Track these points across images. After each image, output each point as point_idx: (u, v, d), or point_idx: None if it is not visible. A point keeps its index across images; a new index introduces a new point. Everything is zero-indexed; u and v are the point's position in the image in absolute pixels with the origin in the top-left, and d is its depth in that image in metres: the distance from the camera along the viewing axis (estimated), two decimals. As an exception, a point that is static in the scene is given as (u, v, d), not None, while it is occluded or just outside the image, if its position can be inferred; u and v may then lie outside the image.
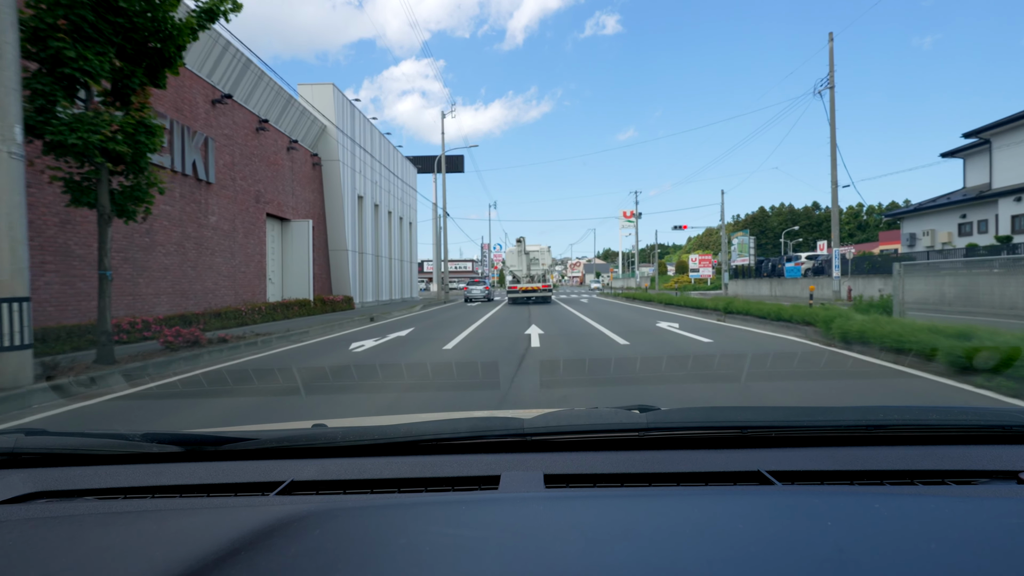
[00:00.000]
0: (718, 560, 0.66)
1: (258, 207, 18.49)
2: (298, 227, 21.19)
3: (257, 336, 11.56)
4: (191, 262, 14.59)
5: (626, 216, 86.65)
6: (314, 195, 23.88)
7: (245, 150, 17.65)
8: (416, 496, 1.02)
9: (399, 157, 35.69)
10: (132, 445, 1.19)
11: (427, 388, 5.87)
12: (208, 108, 15.48)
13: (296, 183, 21.86)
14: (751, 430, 1.20)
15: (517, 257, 30.10)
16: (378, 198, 30.51)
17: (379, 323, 17.55)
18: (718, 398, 5.18)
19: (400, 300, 34.40)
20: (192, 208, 14.68)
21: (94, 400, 5.84)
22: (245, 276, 17.64)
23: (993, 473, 1.05)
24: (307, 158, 23.04)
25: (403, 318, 19.91)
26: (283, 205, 20.59)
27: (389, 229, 33.13)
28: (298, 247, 21.14)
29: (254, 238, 18.19)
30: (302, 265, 21.10)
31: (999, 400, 4.98)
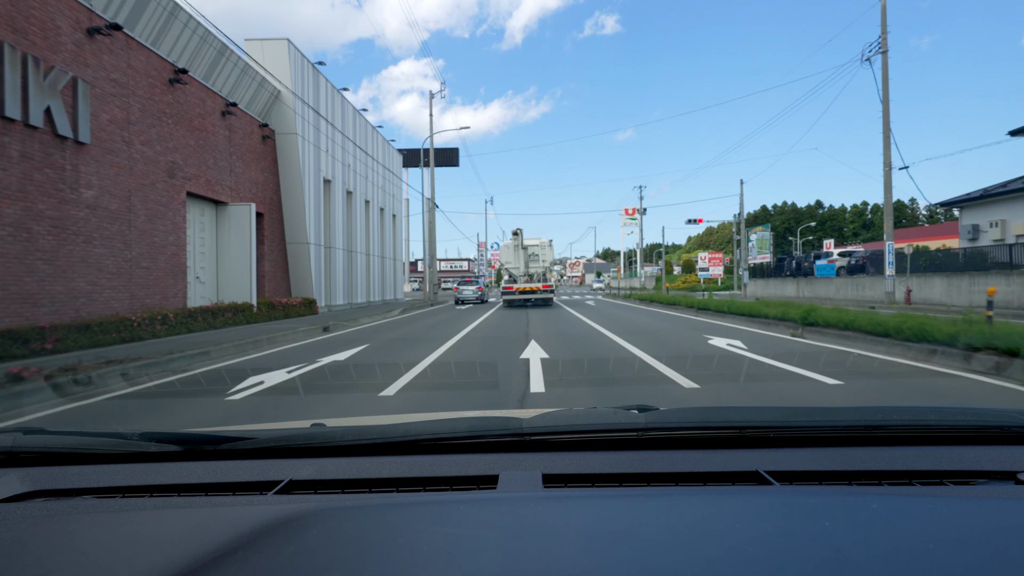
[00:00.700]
0: (716, 560, 0.65)
1: (172, 183, 14.00)
2: (237, 212, 16.71)
3: (103, 365, 7.11)
4: (43, 252, 10.09)
5: (628, 213, 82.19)
6: (265, 176, 19.40)
7: (151, 107, 13.16)
8: (414, 496, 1.01)
9: (380, 140, 31.19)
10: (130, 444, 1.18)
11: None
12: (81, 39, 10.99)
13: (237, 158, 17.38)
14: (750, 430, 1.19)
15: (513, 253, 25.64)
16: (352, 184, 26.03)
17: (329, 336, 13.16)
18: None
19: (380, 303, 29.93)
20: (47, 176, 10.18)
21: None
22: (150, 274, 13.14)
23: (991, 473, 1.03)
24: (254, 129, 18.55)
25: (366, 327, 15.50)
26: (215, 184, 16.10)
27: (367, 221, 28.64)
28: (237, 238, 16.67)
29: (165, 223, 13.70)
30: (243, 261, 16.62)
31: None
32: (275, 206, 20.13)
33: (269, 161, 19.70)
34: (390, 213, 32.72)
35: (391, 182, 33.11)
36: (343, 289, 24.71)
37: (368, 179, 28.66)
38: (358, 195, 26.99)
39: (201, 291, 15.97)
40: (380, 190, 30.78)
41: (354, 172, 26.40)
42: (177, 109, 14.22)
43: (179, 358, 8.51)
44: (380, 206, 30.85)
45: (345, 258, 25.07)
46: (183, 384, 6.76)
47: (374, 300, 29.43)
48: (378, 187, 30.32)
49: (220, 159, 16.36)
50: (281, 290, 20.53)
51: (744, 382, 5.96)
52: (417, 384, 6.14)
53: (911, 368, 6.59)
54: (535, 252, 25.73)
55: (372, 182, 29.41)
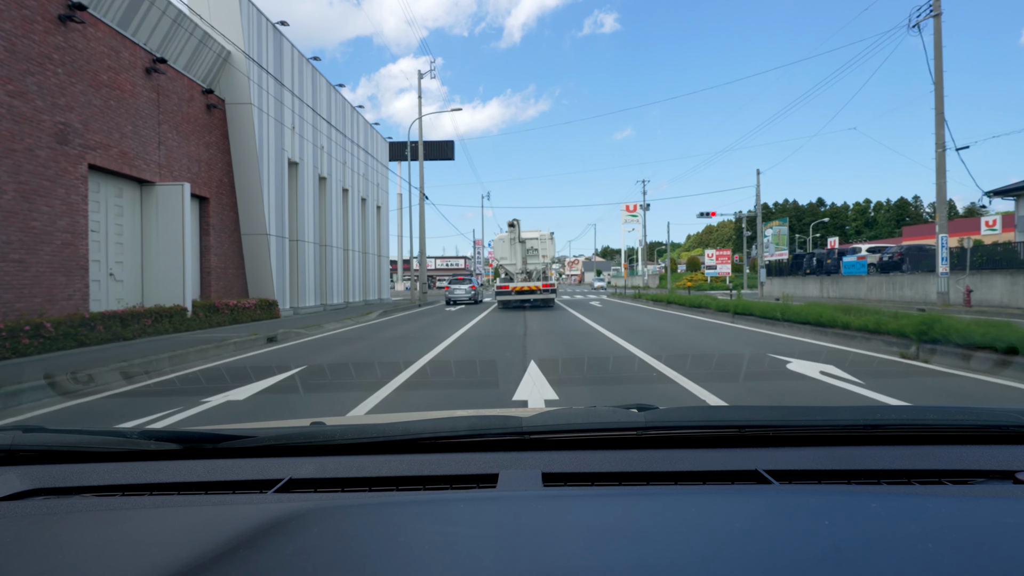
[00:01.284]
0: (716, 559, 0.65)
1: (65, 152, 10.69)
2: (168, 195, 13.41)
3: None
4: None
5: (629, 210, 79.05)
6: (212, 153, 16.09)
7: (26, 48, 9.86)
8: (414, 494, 1.00)
9: (361, 123, 27.87)
10: (130, 442, 1.17)
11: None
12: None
13: (170, 129, 14.08)
14: (749, 429, 1.18)
15: (509, 247, 22.36)
16: (326, 168, 22.73)
17: (269, 350, 10.12)
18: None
19: (361, 304, 26.65)
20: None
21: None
22: (25, 270, 9.84)
23: (990, 473, 1.03)
24: (194, 95, 15.23)
25: (324, 337, 12.33)
26: (135, 157, 12.80)
27: (345, 212, 25.34)
28: (168, 226, 13.37)
29: (52, 203, 10.40)
30: (174, 254, 13.33)
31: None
32: (226, 190, 16.82)
33: (217, 136, 16.39)
34: (373, 204, 29.41)
35: (375, 170, 29.80)
36: (314, 288, 21.42)
37: (347, 165, 25.36)
38: (334, 182, 23.69)
39: (117, 292, 12.68)
40: (362, 178, 27.47)
41: (329, 155, 23.09)
42: (73, 57, 10.90)
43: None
44: (362, 196, 27.54)
45: (316, 253, 21.78)
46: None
47: (354, 301, 26.14)
48: (359, 174, 27.02)
49: (144, 128, 13.05)
50: (235, 289, 17.24)
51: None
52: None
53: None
54: (534, 246, 22.46)
55: (352, 169, 26.11)
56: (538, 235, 22.54)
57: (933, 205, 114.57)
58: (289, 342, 11.47)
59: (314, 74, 21.86)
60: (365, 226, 28.15)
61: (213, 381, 6.64)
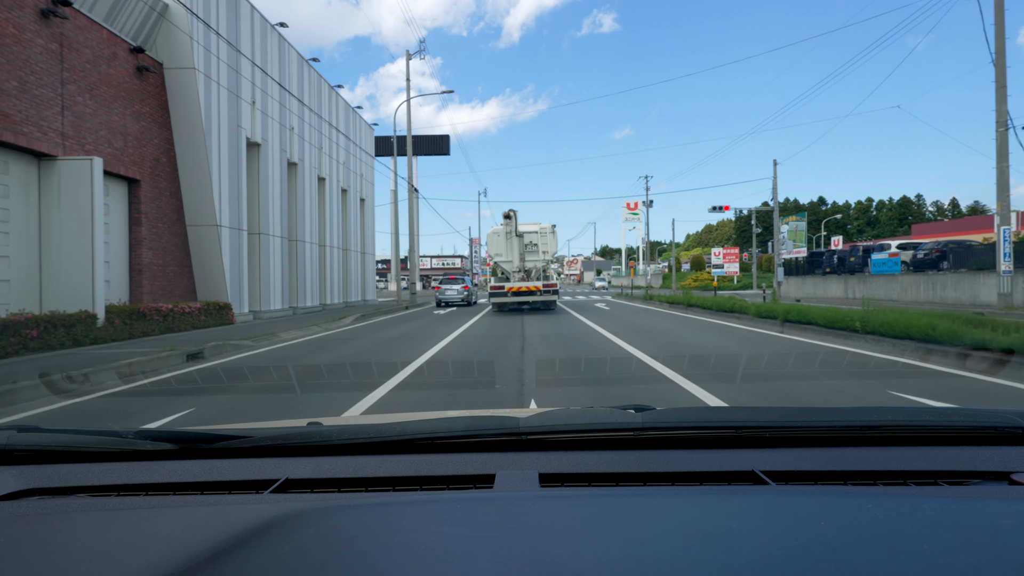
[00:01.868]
0: (713, 559, 0.65)
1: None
2: (72, 172, 10.54)
3: None
4: None
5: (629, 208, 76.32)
6: (144, 125, 13.23)
7: None
8: (411, 495, 0.99)
9: (342, 106, 25.00)
10: (126, 442, 1.15)
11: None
12: None
13: (81, 90, 11.21)
14: (746, 430, 1.17)
15: (505, 241, 19.53)
16: (297, 152, 19.87)
17: (184, 371, 7.20)
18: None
19: (340, 306, 23.80)
20: None
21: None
22: None
23: (985, 474, 1.02)
24: (117, 53, 12.36)
25: (272, 350, 9.56)
26: (23, 122, 9.92)
27: (322, 203, 22.49)
28: (74, 211, 10.52)
29: None
30: (82, 247, 10.48)
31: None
32: (165, 171, 13.96)
33: (152, 105, 13.52)
34: (356, 196, 26.54)
35: (359, 159, 26.94)
36: (281, 289, 18.56)
37: (324, 151, 22.50)
38: (307, 168, 20.83)
39: (2, 295, 9.83)
40: (342, 167, 24.62)
41: (301, 138, 20.24)
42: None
43: None
44: (342, 186, 24.68)
45: (284, 249, 18.92)
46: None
47: (333, 303, 23.29)
48: (338, 162, 24.16)
49: (37, 85, 10.18)
50: (178, 291, 14.38)
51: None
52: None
53: None
54: (533, 241, 19.63)
55: (331, 156, 23.25)
56: (538, 228, 19.72)
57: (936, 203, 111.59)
58: (218, 359, 8.65)
59: (281, 44, 18.99)
60: (346, 220, 25.29)
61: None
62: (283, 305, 18.63)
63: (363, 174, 27.63)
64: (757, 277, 47.35)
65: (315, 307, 21.24)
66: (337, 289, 23.90)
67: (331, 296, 23.21)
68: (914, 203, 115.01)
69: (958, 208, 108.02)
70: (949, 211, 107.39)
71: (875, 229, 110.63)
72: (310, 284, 20.99)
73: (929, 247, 24.81)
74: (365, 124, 28.27)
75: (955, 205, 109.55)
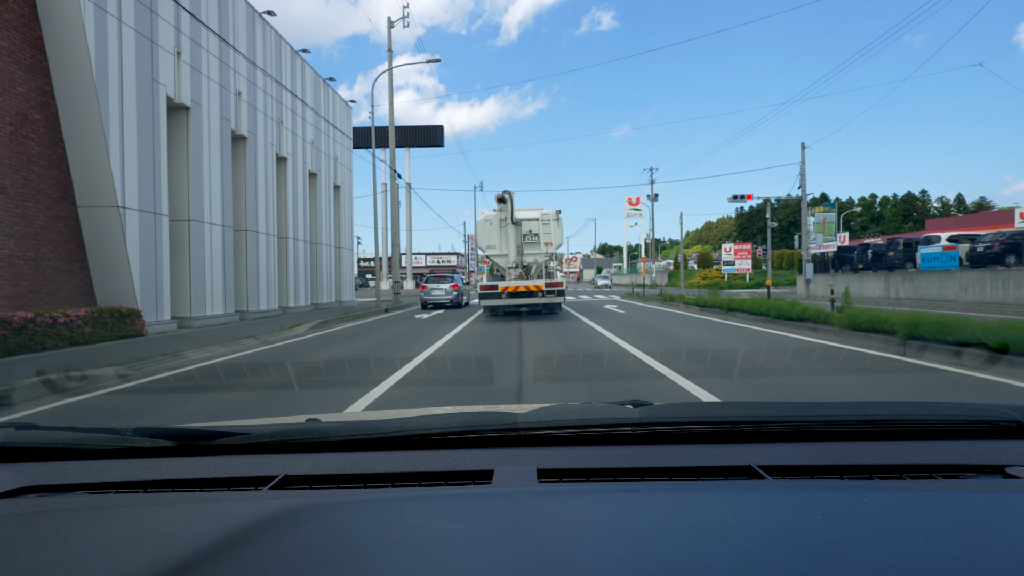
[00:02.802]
0: (710, 554, 0.64)
1: None
2: None
3: None
4: None
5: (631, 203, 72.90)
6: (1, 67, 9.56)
7: None
8: (409, 490, 0.98)
9: (310, 75, 21.28)
10: (124, 440, 1.13)
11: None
12: None
13: None
14: (743, 425, 1.17)
15: (499, 231, 15.88)
16: (247, 123, 16.18)
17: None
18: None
19: (308, 308, 20.15)
20: None
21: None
22: None
23: (980, 468, 1.02)
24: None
25: (99, 397, 5.60)
26: None
27: (281, 187, 18.83)
28: None
29: None
30: None
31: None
32: (39, 134, 10.26)
33: (12, 40, 9.84)
34: (328, 182, 22.83)
35: (332, 139, 23.25)
36: (223, 290, 14.88)
37: (286, 125, 18.83)
38: (262, 144, 17.14)
39: None
40: (310, 146, 20.94)
41: (252, 107, 16.56)
42: None
43: None
44: (310, 169, 20.99)
45: (228, 240, 15.24)
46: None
47: (298, 305, 19.64)
48: (306, 141, 20.48)
49: None
50: (64, 292, 10.70)
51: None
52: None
53: None
54: (533, 230, 15.98)
55: (295, 132, 19.58)
56: (538, 214, 16.06)
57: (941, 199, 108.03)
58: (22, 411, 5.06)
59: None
60: (315, 209, 21.61)
61: None
62: (225, 310, 14.96)
63: (338, 157, 23.93)
64: (772, 275, 43.72)
65: (273, 311, 17.57)
66: (303, 289, 20.23)
67: (296, 297, 19.55)
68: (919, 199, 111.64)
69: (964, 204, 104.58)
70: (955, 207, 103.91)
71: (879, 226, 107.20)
72: (266, 283, 17.32)
73: (990, 239, 21.21)
74: (341, 101, 24.56)
75: (961, 201, 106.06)
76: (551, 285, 14.78)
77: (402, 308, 21.83)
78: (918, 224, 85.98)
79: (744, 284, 45.06)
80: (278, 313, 17.78)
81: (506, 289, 14.67)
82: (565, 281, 15.18)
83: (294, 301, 19.34)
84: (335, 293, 23.46)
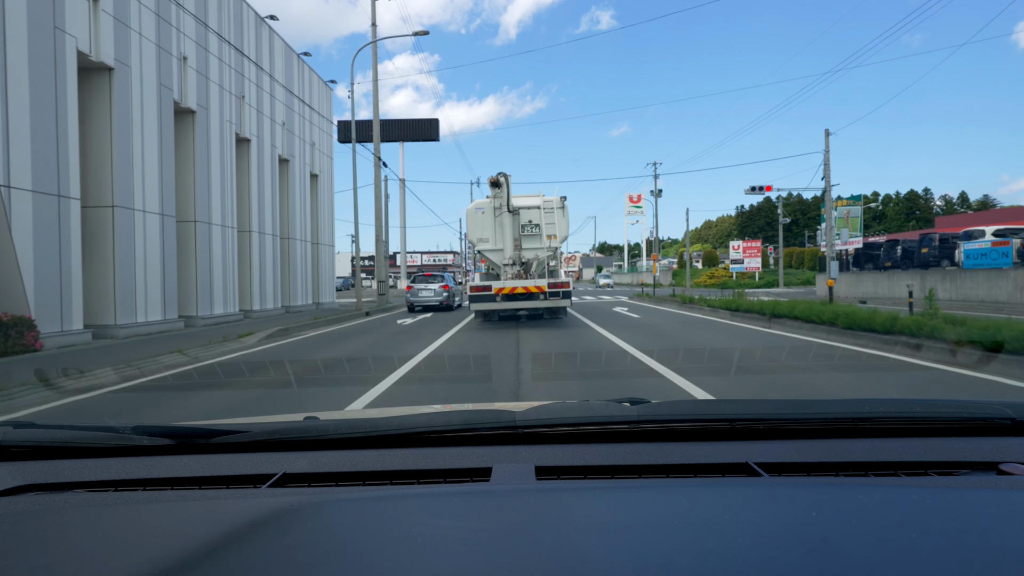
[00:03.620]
0: (707, 551, 0.64)
1: None
2: None
3: None
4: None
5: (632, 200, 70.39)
6: None
7: None
8: (408, 488, 0.97)
9: (279, 45, 18.67)
10: (122, 438, 1.12)
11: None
12: None
13: None
14: (740, 423, 1.15)
15: (492, 221, 13.33)
16: (193, 94, 13.59)
17: None
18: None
19: (278, 312, 17.61)
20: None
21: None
22: None
23: (974, 464, 1.02)
24: None
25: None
26: None
27: (244, 172, 16.29)
28: None
29: None
30: None
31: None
32: None
33: None
34: (303, 169, 20.25)
35: (307, 121, 20.69)
36: (161, 292, 12.31)
37: (249, 102, 16.27)
38: (216, 121, 14.58)
39: None
40: (281, 128, 18.39)
41: (204, 77, 13.99)
42: None
43: None
44: (280, 153, 18.45)
45: (170, 233, 12.66)
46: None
47: (263, 308, 17.09)
48: (275, 121, 17.93)
49: None
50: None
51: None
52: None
53: None
54: (533, 219, 13.42)
55: (261, 111, 17.03)
56: (540, 202, 13.48)
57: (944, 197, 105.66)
58: None
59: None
60: (287, 199, 19.04)
61: None
62: (165, 315, 12.41)
63: (316, 143, 21.36)
64: (784, 273, 41.25)
65: (230, 316, 15.01)
66: (271, 290, 17.67)
67: (263, 299, 17.00)
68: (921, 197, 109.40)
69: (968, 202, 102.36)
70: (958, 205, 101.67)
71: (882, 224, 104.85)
72: (221, 284, 14.75)
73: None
74: (319, 81, 21.99)
75: (964, 199, 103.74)
76: (555, 285, 12.26)
77: (387, 311, 19.31)
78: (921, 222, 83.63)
79: (754, 283, 42.54)
80: (238, 318, 15.23)
81: (501, 290, 12.14)
82: (571, 281, 12.60)
83: (260, 304, 16.78)
84: (312, 294, 20.90)
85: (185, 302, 13.37)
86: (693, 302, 16.50)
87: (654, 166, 50.04)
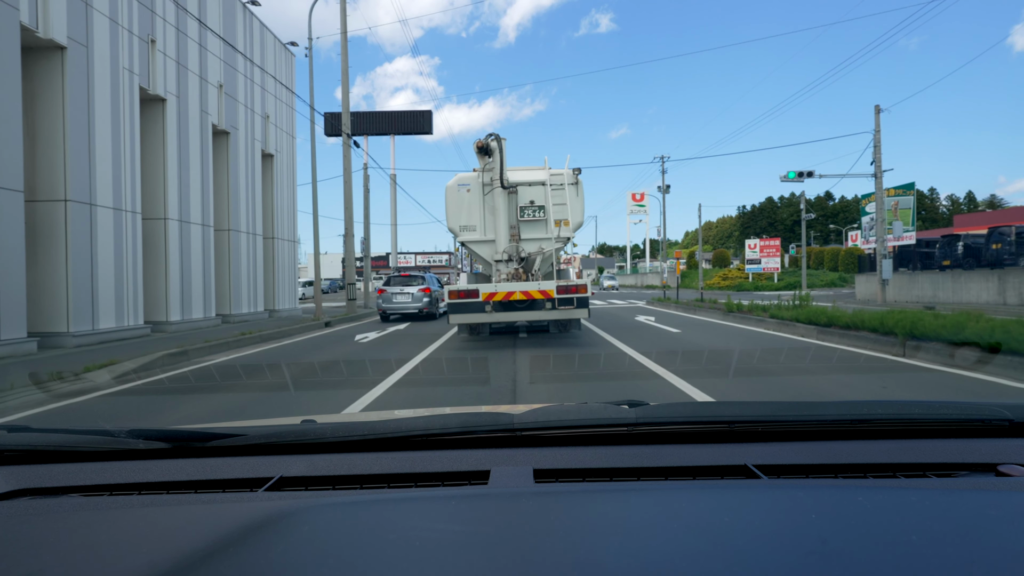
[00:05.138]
0: (706, 553, 0.64)
1: None
2: None
3: None
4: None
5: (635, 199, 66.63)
6: None
7: None
8: (406, 491, 0.96)
9: (236, 5, 14.86)
10: (118, 442, 1.10)
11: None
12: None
13: None
14: (738, 425, 1.14)
15: (480, 201, 9.49)
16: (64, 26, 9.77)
17: None
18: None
19: (211, 323, 13.73)
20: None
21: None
22: None
23: (972, 466, 1.01)
24: None
25: None
26: None
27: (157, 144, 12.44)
28: None
29: None
30: None
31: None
32: None
33: None
34: (252, 145, 16.35)
35: (261, 87, 16.84)
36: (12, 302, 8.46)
37: (162, 49, 12.43)
38: (124, 79, 10.71)
39: None
40: (217, 90, 14.52)
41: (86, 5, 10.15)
42: None
43: None
44: (217, 123, 14.59)
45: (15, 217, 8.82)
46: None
47: (187, 319, 13.20)
48: (208, 81, 14.06)
49: None
50: None
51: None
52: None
53: None
54: (535, 199, 9.56)
55: (188, 67, 13.19)
56: (545, 175, 9.62)
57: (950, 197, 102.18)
58: None
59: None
60: (229, 183, 15.18)
61: None
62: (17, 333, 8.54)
63: (270, 115, 17.49)
64: (807, 275, 37.53)
65: (133, 329, 11.12)
66: (200, 295, 13.78)
67: (185, 308, 13.12)
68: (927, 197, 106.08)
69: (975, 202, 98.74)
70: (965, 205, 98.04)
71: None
72: (112, 287, 10.86)
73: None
74: (274, 40, 18.12)
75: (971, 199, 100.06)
76: (567, 290, 8.48)
77: (355, 319, 15.52)
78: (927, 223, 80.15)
79: (772, 286, 38.83)
80: (142, 333, 11.36)
81: (492, 296, 8.37)
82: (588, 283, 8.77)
83: (180, 313, 12.90)
84: (263, 300, 17.00)
85: (52, 315, 9.48)
86: (742, 310, 12.65)
87: (661, 160, 46.18)
